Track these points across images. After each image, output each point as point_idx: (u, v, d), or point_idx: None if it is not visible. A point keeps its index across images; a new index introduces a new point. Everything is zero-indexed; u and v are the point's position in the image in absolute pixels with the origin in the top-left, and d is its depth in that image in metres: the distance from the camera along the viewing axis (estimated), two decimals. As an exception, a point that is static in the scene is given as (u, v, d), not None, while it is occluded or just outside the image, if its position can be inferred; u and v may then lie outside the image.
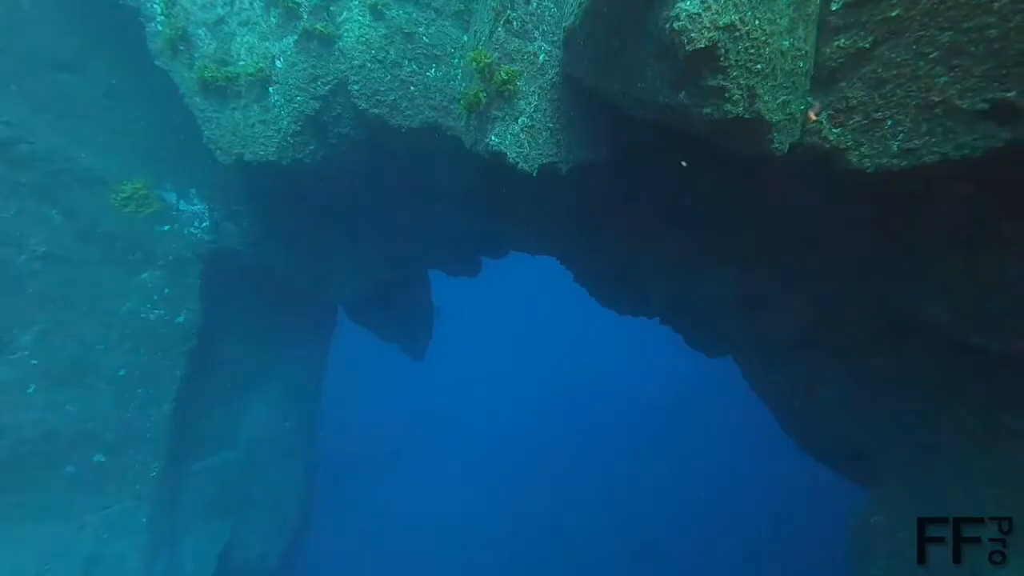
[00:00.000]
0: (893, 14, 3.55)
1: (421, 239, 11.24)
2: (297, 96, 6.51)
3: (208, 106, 6.72)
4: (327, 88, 6.49)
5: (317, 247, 9.98)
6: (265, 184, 8.51)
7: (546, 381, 30.35)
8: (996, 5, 3.12)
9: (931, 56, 3.44)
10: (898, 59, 3.59)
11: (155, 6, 6.49)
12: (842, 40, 3.82)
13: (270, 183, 8.35)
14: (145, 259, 8.14)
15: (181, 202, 8.49)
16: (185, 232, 8.44)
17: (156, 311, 8.21)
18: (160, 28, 6.50)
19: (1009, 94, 3.21)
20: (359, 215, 10.05)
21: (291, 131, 6.65)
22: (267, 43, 6.46)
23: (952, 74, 3.38)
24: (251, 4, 6.39)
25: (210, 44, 6.51)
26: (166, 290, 8.30)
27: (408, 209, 9.89)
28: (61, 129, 7.50)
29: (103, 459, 7.86)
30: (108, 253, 7.87)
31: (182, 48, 6.53)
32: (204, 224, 8.59)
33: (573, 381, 30.32)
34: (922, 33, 3.45)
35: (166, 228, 8.30)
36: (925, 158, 3.59)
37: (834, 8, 3.78)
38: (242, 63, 6.48)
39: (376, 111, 6.37)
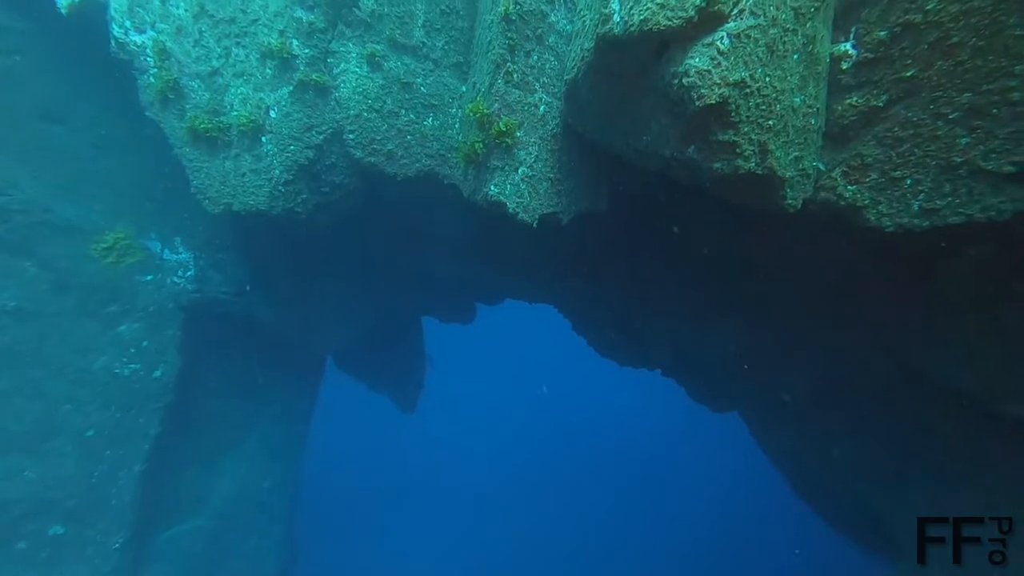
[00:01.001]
0: (907, 74, 3.46)
1: (415, 286, 10.98)
2: (291, 145, 6.37)
3: (197, 156, 6.55)
4: (322, 137, 6.38)
5: (306, 296, 9.66)
6: (254, 233, 8.27)
7: (541, 431, 29.50)
8: (1018, 69, 3.03)
9: (950, 117, 3.33)
10: (915, 119, 3.48)
11: (149, 59, 6.41)
12: (854, 98, 3.73)
13: (259, 232, 8.11)
14: (123, 311, 7.72)
15: (166, 251, 8.17)
16: (168, 282, 8.07)
17: (132, 365, 7.72)
18: (153, 80, 6.41)
19: (1037, 157, 3.07)
20: (351, 263, 9.81)
21: (283, 180, 6.48)
22: (261, 93, 6.37)
23: (974, 135, 3.26)
24: (246, 56, 6.34)
25: (203, 95, 6.41)
26: (144, 343, 7.84)
27: (402, 256, 9.67)
28: (44, 180, 7.25)
29: (61, 531, 7.14)
30: (84, 305, 7.45)
31: (172, 98, 6.43)
32: (189, 273, 8.24)
33: (569, 431, 29.49)
34: (939, 94, 3.36)
35: (148, 278, 7.94)
36: (950, 219, 3.42)
37: (845, 67, 3.71)
38: (235, 113, 6.36)
39: (372, 160, 6.25)
